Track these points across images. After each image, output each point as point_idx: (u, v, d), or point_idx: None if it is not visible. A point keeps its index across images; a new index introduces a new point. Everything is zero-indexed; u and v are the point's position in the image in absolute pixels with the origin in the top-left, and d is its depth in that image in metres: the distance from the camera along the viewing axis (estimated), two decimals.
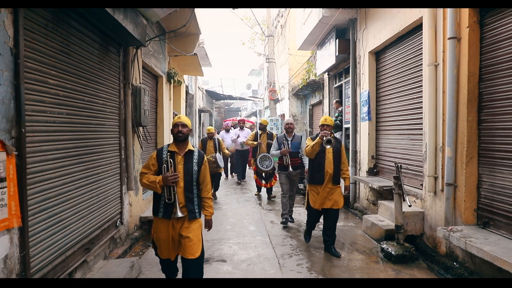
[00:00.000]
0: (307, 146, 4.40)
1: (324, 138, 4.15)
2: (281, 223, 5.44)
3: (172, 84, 7.43)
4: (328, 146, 4.17)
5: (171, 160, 2.90)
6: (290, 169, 5.43)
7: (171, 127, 3.05)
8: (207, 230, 3.14)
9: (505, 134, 3.23)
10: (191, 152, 2.99)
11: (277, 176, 6.61)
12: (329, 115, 8.66)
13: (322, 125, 4.35)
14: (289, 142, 5.53)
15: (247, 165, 10.50)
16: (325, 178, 4.31)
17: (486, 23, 3.44)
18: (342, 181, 4.52)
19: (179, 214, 2.85)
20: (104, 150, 3.93)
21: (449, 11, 3.65)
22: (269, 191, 7.61)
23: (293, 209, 5.92)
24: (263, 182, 7.45)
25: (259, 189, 8.10)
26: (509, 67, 3.18)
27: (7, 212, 2.23)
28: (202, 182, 3.02)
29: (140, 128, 5.02)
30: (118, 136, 4.32)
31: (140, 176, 2.99)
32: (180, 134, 2.92)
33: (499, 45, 3.29)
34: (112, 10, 3.31)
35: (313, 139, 4.44)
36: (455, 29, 3.60)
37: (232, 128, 11.16)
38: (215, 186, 7.65)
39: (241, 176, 10.12)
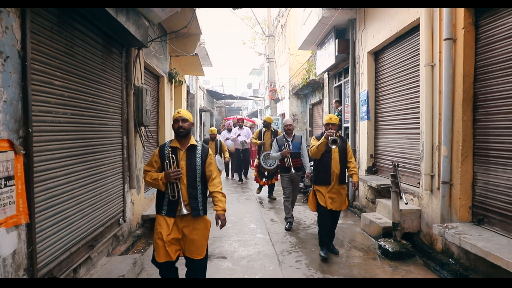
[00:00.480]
0: (312, 146, 4.22)
1: (329, 138, 3.98)
2: (286, 228, 5.34)
3: (173, 84, 7.51)
4: (333, 146, 4.01)
5: (173, 156, 2.82)
6: (292, 170, 5.35)
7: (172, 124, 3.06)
8: (220, 228, 2.88)
9: (499, 133, 3.31)
10: (194, 147, 2.89)
11: (278, 176, 6.65)
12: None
13: (327, 124, 4.17)
14: (290, 143, 5.46)
15: (249, 165, 10.46)
16: (332, 179, 4.21)
17: (481, 24, 3.51)
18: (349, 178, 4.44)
19: (184, 212, 2.75)
20: (107, 149, 4.02)
21: (445, 12, 3.71)
22: (270, 189, 7.58)
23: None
24: (264, 180, 7.46)
25: (259, 188, 8.13)
26: (504, 68, 3.25)
27: (15, 209, 2.31)
28: (209, 177, 2.89)
29: (142, 128, 5.11)
30: (120, 135, 4.41)
31: (143, 174, 2.95)
32: (181, 129, 2.83)
33: (494, 46, 3.36)
34: (115, 12, 3.38)
35: (318, 138, 4.30)
36: (451, 30, 3.67)
37: (233, 127, 11.17)
38: None
39: (243, 175, 10.08)
